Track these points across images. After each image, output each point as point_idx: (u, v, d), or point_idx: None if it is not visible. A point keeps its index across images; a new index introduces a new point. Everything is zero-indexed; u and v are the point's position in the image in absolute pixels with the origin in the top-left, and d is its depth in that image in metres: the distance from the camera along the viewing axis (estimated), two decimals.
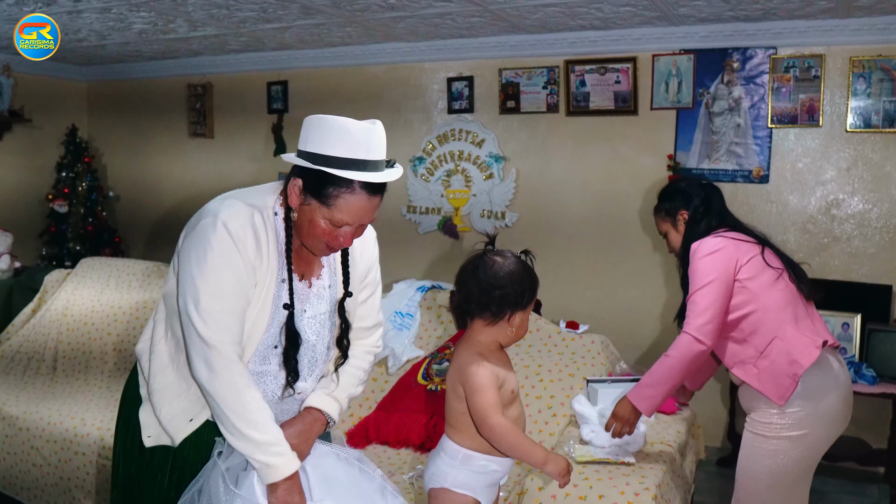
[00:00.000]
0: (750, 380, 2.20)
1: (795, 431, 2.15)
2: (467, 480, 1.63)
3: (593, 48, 4.42)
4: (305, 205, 1.54)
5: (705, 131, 4.27)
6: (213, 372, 1.50)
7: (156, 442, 1.64)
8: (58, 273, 4.13)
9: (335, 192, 1.51)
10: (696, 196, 2.38)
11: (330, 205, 1.51)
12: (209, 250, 1.51)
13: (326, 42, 4.84)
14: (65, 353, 3.72)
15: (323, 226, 1.53)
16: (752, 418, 2.24)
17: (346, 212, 1.52)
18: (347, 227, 1.55)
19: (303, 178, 1.54)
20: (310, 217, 1.54)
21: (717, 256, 2.20)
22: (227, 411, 1.50)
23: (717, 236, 2.27)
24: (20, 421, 3.19)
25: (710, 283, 2.17)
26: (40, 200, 5.74)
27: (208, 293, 1.51)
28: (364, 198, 1.52)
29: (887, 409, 3.66)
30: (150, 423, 1.65)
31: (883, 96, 3.91)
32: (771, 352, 2.17)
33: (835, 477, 3.86)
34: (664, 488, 2.28)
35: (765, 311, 2.19)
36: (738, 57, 4.17)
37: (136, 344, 1.73)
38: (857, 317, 3.78)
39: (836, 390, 2.19)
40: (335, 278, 1.71)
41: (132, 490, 1.69)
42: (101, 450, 2.97)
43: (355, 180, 1.49)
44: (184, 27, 4.49)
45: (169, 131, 5.83)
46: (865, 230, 4.00)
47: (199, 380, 1.53)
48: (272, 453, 1.50)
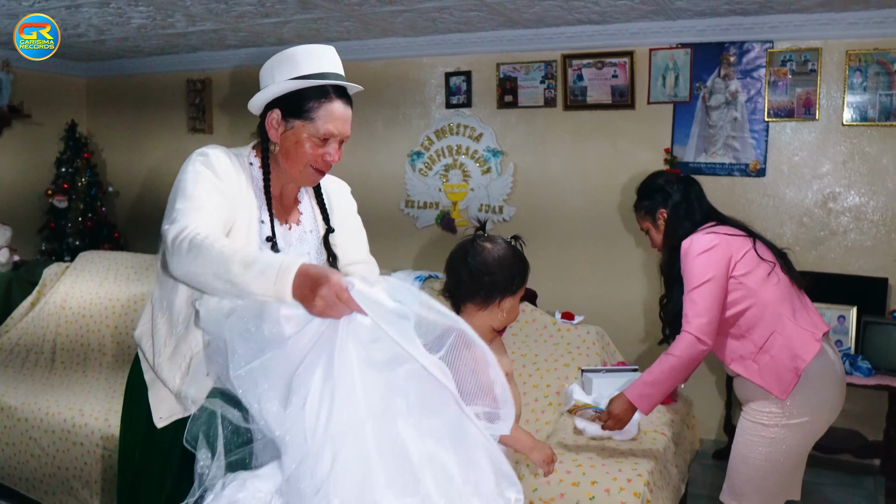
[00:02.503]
0: (751, 376, 2.19)
1: (796, 419, 2.16)
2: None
3: (590, 42, 4.43)
4: (288, 130, 1.62)
5: (702, 125, 4.28)
6: (190, 252, 1.39)
7: (168, 420, 1.63)
8: (56, 266, 4.15)
9: (315, 105, 1.60)
10: (674, 193, 2.36)
11: (313, 118, 1.60)
12: (183, 175, 1.58)
13: (325, 37, 4.84)
14: (63, 346, 3.74)
15: (309, 147, 1.60)
16: (751, 407, 2.24)
17: (329, 120, 1.60)
18: (333, 143, 1.62)
19: (279, 107, 1.62)
20: (296, 139, 1.61)
21: (712, 254, 2.19)
22: (212, 272, 1.35)
23: (708, 233, 2.25)
24: (18, 412, 3.21)
25: (708, 282, 2.16)
26: (40, 196, 5.76)
27: (182, 199, 1.54)
28: (341, 105, 1.62)
29: (883, 401, 3.67)
30: (160, 404, 1.63)
31: (879, 90, 3.91)
32: (771, 346, 2.17)
33: (830, 469, 3.87)
34: (656, 475, 2.29)
35: (763, 307, 2.19)
36: (734, 51, 4.18)
37: (135, 330, 1.73)
38: (852, 309, 3.79)
39: (834, 378, 2.21)
40: (315, 224, 1.76)
41: (142, 473, 1.69)
42: (99, 440, 2.98)
43: (329, 89, 1.60)
44: (182, 22, 4.50)
45: (168, 127, 5.84)
46: (862, 223, 4.01)
47: (176, 275, 1.44)
48: (269, 264, 1.32)
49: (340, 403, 1.22)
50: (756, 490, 2.22)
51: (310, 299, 1.25)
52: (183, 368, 1.59)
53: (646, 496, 2.15)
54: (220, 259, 1.35)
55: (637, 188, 2.50)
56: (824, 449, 3.76)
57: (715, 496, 3.45)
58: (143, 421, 1.68)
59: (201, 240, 1.40)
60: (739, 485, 2.25)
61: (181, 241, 1.43)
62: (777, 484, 2.23)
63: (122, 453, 1.76)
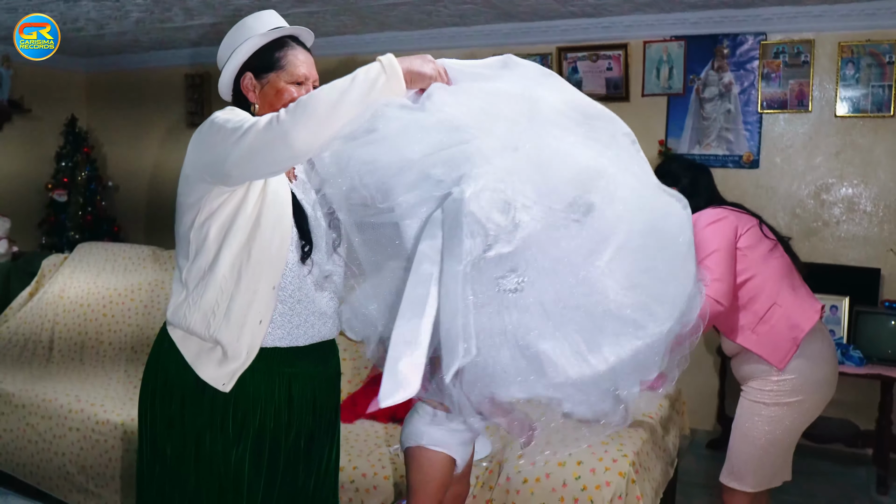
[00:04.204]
0: (750, 345, 2.24)
1: (793, 398, 2.22)
2: (443, 438, 1.66)
3: (585, 35, 4.46)
4: (264, 84, 1.69)
5: (696, 117, 4.30)
6: (296, 112, 1.42)
7: (231, 381, 1.61)
8: (55, 257, 4.18)
9: (282, 54, 1.70)
10: (683, 177, 2.42)
11: (284, 65, 1.69)
12: (213, 122, 1.57)
13: (321, 31, 4.88)
14: (61, 335, 3.77)
15: (288, 92, 1.68)
16: (749, 387, 2.29)
17: (300, 64, 1.70)
18: (307, 85, 1.71)
19: (248, 70, 1.71)
20: (275, 90, 1.69)
21: (720, 225, 2.25)
22: (329, 106, 1.41)
23: (715, 208, 2.32)
24: (16, 398, 3.25)
25: (718, 251, 2.21)
26: (40, 190, 5.80)
27: (234, 119, 1.54)
28: (302, 51, 1.73)
29: (874, 390, 3.69)
30: (218, 371, 1.61)
31: (871, 81, 3.93)
32: (771, 317, 2.23)
33: (823, 459, 3.89)
34: (643, 456, 2.31)
35: (764, 279, 2.26)
36: (728, 43, 4.20)
37: (168, 313, 1.68)
38: (845, 299, 3.81)
39: (830, 358, 2.29)
40: (307, 176, 1.79)
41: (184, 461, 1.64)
42: (94, 425, 3.01)
43: (289, 39, 1.71)
44: (180, 16, 4.54)
45: (167, 121, 5.88)
46: (854, 214, 4.03)
47: (298, 138, 1.42)
48: (369, 66, 1.45)
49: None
50: (754, 470, 2.26)
51: (422, 67, 1.50)
52: (242, 322, 1.60)
53: (631, 476, 2.18)
54: (325, 93, 1.43)
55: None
56: (817, 438, 3.78)
57: (710, 485, 3.49)
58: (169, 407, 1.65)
59: (294, 103, 1.45)
60: (739, 465, 2.28)
61: (274, 118, 1.45)
62: (775, 464, 2.28)
63: (152, 440, 1.70)
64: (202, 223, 1.60)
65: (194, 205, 1.61)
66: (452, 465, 1.68)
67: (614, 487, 2.15)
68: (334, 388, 1.84)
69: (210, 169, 1.55)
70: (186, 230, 1.63)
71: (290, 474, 1.72)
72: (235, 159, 1.49)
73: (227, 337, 1.60)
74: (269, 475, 1.68)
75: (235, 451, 1.61)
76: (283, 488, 1.71)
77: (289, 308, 1.65)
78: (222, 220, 1.59)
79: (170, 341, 1.67)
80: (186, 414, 1.63)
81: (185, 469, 1.64)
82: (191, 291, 1.63)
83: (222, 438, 1.62)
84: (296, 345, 1.68)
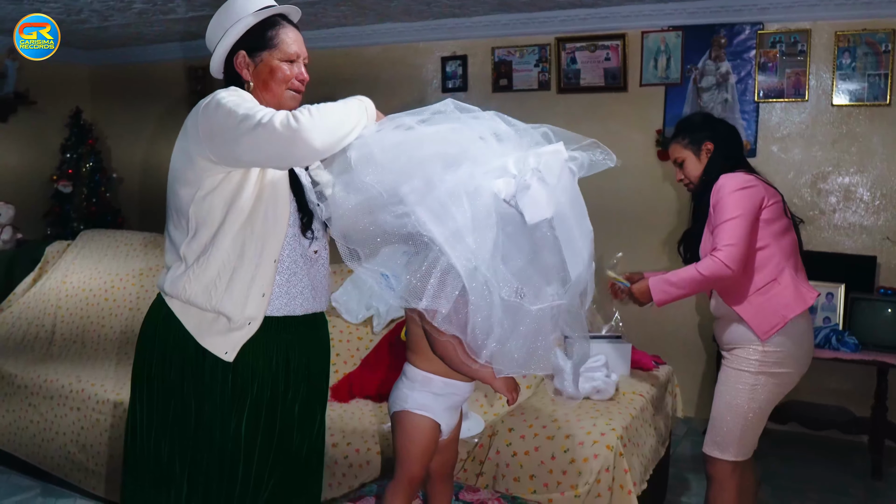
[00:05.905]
0: (742, 311, 2.28)
1: (777, 368, 2.27)
2: (427, 402, 1.69)
3: (583, 26, 4.48)
4: (258, 62, 1.73)
5: (694, 107, 4.32)
6: (314, 117, 1.54)
7: (235, 350, 1.64)
8: (58, 244, 4.24)
9: (274, 32, 1.74)
10: (722, 129, 2.44)
11: (277, 43, 1.73)
12: (221, 103, 1.61)
13: (321, 23, 4.92)
14: (63, 319, 3.82)
15: (281, 70, 1.73)
16: (734, 354, 2.32)
17: (291, 42, 1.75)
18: (300, 63, 1.76)
19: (241, 48, 1.74)
20: (269, 69, 1.73)
21: (748, 193, 2.26)
22: (337, 119, 1.57)
23: (747, 174, 2.32)
24: (18, 379, 3.30)
25: (740, 217, 2.23)
26: (45, 181, 5.86)
27: (245, 105, 1.60)
28: (293, 29, 1.77)
29: (870, 377, 3.70)
30: (222, 341, 1.64)
31: (868, 70, 3.95)
32: (768, 291, 2.28)
33: (818, 446, 3.90)
34: (631, 431, 2.34)
35: (772, 253, 2.30)
36: (725, 33, 4.22)
37: (165, 285, 1.70)
38: (841, 286, 3.82)
39: (811, 338, 2.37)
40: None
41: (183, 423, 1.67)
42: (95, 405, 3.06)
43: (279, 17, 1.75)
44: (182, 7, 4.59)
45: (170, 114, 5.92)
46: (851, 203, 4.05)
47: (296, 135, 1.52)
48: (351, 98, 1.64)
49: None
50: (736, 440, 2.29)
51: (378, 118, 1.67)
52: (246, 293, 1.64)
53: (618, 449, 2.21)
54: (334, 105, 1.59)
55: (678, 123, 2.55)
56: (812, 425, 3.80)
57: (704, 469, 3.51)
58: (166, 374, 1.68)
59: (307, 107, 1.57)
60: (723, 434, 2.31)
61: (291, 117, 1.53)
62: (755, 434, 2.32)
63: (148, 409, 1.72)
64: (203, 198, 1.63)
65: (194, 181, 1.64)
66: (437, 431, 1.70)
67: (602, 460, 2.18)
68: (326, 354, 1.88)
69: (217, 150, 1.59)
70: (185, 205, 1.66)
71: (285, 440, 1.76)
72: (248, 147, 1.55)
73: (230, 307, 1.64)
74: (266, 441, 1.71)
75: (234, 418, 1.65)
76: (279, 455, 1.75)
77: (285, 280, 1.70)
78: (225, 196, 1.63)
79: (167, 311, 1.69)
80: (186, 382, 1.66)
81: (185, 436, 1.67)
82: (190, 265, 1.66)
83: (222, 406, 1.65)
84: (293, 314, 1.72)
